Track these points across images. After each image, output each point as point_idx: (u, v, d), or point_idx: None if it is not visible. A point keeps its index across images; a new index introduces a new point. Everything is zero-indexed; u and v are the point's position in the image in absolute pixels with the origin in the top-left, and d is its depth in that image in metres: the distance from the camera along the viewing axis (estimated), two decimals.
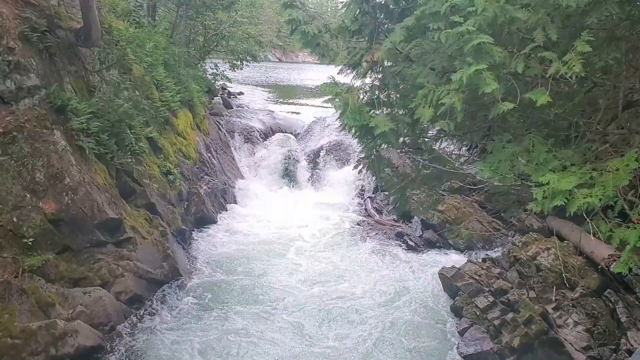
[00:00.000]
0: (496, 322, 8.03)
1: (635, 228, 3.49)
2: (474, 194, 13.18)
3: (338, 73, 5.61)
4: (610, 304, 7.88)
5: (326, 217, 14.49)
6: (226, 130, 17.88)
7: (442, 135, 6.29)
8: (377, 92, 5.12)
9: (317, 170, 17.34)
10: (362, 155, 6.23)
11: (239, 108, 21.17)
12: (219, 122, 17.95)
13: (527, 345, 7.53)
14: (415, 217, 13.16)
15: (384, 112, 5.21)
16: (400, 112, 5.38)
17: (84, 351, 7.15)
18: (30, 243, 7.44)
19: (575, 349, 7.50)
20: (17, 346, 6.52)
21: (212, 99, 20.15)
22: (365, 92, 5.12)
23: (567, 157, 3.96)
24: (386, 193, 14.07)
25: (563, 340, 7.61)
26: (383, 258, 11.75)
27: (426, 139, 6.08)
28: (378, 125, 4.46)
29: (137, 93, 11.29)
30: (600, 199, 3.43)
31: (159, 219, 10.35)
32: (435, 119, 4.03)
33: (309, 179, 17.24)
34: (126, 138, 9.91)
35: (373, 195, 15.69)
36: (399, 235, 12.93)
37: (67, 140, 8.34)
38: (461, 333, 8.39)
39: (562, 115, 4.90)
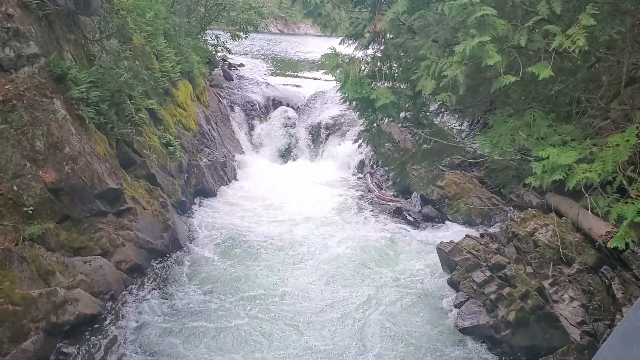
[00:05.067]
0: (492, 297, 8.10)
1: (634, 203, 3.50)
2: (474, 169, 13.20)
3: (339, 44, 5.56)
4: (606, 280, 7.93)
5: (326, 191, 14.51)
6: (226, 103, 17.79)
7: (443, 109, 6.27)
8: (378, 64, 5.08)
9: (317, 144, 17.32)
10: (363, 129, 6.20)
11: (240, 80, 21.02)
12: (219, 94, 17.85)
13: (523, 319, 7.61)
14: (414, 192, 13.19)
15: (386, 85, 5.18)
16: (402, 86, 5.35)
17: (84, 319, 7.24)
18: (30, 212, 7.47)
19: (570, 324, 7.58)
20: (17, 313, 6.59)
21: (213, 71, 20.00)
22: (367, 63, 5.08)
23: (567, 132, 3.96)
24: (386, 168, 14.07)
25: (558, 315, 7.68)
26: (382, 233, 11.80)
27: (427, 113, 6.05)
28: (379, 98, 4.43)
29: (137, 63, 11.21)
30: (599, 174, 3.43)
31: (159, 190, 10.37)
32: (437, 91, 4.01)
33: (309, 153, 17.22)
34: (126, 108, 9.87)
35: (373, 171, 15.69)
36: (398, 211, 12.97)
37: (67, 110, 8.30)
38: (457, 307, 8.48)
39: (564, 90, 4.88)
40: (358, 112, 5.41)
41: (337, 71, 4.68)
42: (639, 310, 0.90)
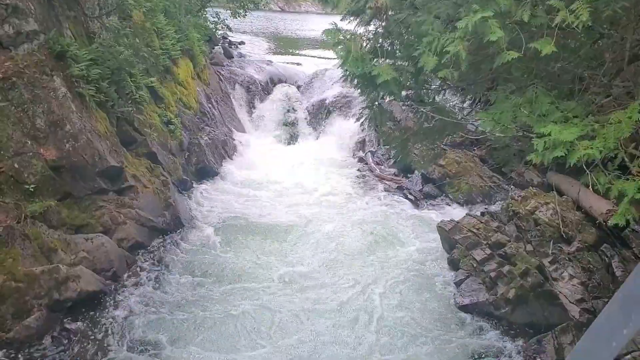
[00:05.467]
0: (492, 274, 8.15)
1: (635, 180, 3.50)
2: (475, 148, 13.17)
3: (341, 20, 5.50)
4: (606, 258, 7.96)
5: (327, 170, 14.50)
6: (227, 81, 17.69)
7: (445, 87, 6.24)
8: (380, 41, 5.04)
9: (318, 123, 17.26)
10: (364, 106, 6.18)
11: (240, 58, 20.90)
12: (219, 72, 17.74)
13: (522, 296, 7.67)
14: (415, 171, 13.18)
15: (387, 62, 5.14)
16: (404, 63, 5.31)
17: (86, 296, 7.29)
18: (31, 189, 7.48)
19: (570, 301, 7.63)
20: (20, 289, 6.64)
21: (213, 48, 19.85)
22: (369, 40, 5.04)
23: (569, 109, 3.94)
24: (387, 147, 14.04)
25: (558, 292, 7.73)
26: (382, 211, 11.83)
27: (429, 91, 6.01)
28: (380, 74, 4.40)
29: (137, 40, 11.11)
30: (600, 151, 3.43)
31: (160, 168, 10.37)
32: (439, 67, 3.98)
33: (310, 132, 17.17)
34: (126, 86, 9.83)
35: (374, 150, 15.66)
36: (399, 189, 12.98)
37: (67, 87, 8.26)
38: (457, 284, 8.53)
39: (567, 67, 4.84)
40: (359, 90, 5.38)
41: (339, 47, 4.65)
42: (638, 278, 0.90)
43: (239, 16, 22.22)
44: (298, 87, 18.83)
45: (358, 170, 14.74)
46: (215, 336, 7.22)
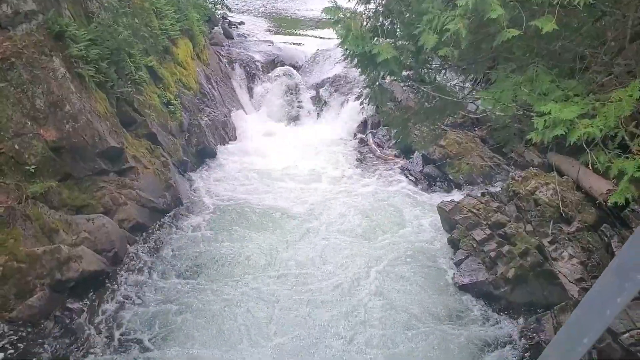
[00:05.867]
0: (492, 254, 8.18)
1: (635, 159, 3.50)
2: (476, 129, 13.13)
3: None
4: (606, 238, 7.99)
5: (327, 151, 14.47)
6: (227, 61, 17.57)
7: (445, 66, 6.19)
8: (380, 19, 5.00)
9: (318, 104, 17.18)
10: (365, 85, 6.15)
11: (240, 38, 20.72)
12: (219, 53, 17.61)
13: (522, 276, 7.71)
14: (416, 152, 13.14)
15: (388, 41, 5.10)
16: (404, 43, 5.27)
17: (88, 276, 7.34)
18: (32, 170, 7.49)
19: (569, 281, 7.67)
20: (22, 270, 6.68)
21: (213, 29, 19.67)
22: (369, 18, 4.99)
23: (570, 87, 3.92)
24: (388, 129, 13.98)
25: (557, 272, 7.77)
26: (383, 192, 11.83)
27: (430, 69, 5.98)
28: (381, 53, 4.37)
29: (136, 20, 11.03)
30: (601, 130, 3.42)
31: (160, 149, 10.37)
32: (439, 46, 3.95)
33: (310, 113, 17.10)
34: (126, 66, 9.78)
35: (375, 131, 15.60)
36: (400, 170, 12.97)
37: (66, 68, 8.23)
38: (457, 264, 8.57)
39: (568, 46, 4.81)
40: (359, 69, 5.35)
41: (338, 26, 4.62)
42: (631, 248, 0.91)
43: None
44: (299, 68, 18.70)
45: (359, 151, 14.71)
46: (211, 322, 7.25)
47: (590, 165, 3.76)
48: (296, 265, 8.63)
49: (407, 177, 12.59)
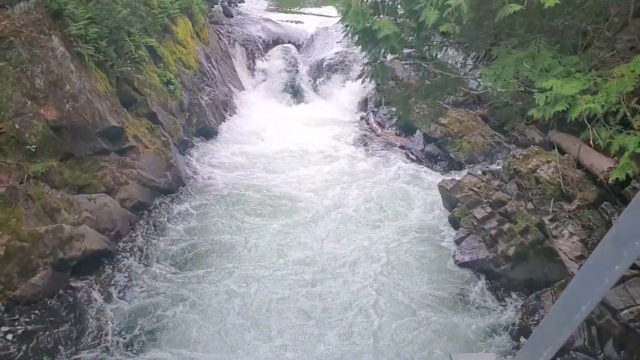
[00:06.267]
0: (493, 232, 8.21)
1: (636, 135, 3.49)
2: (477, 107, 13.08)
3: None
4: (606, 216, 8.00)
5: (328, 130, 14.43)
6: (226, 40, 17.46)
7: (447, 43, 6.15)
8: None
9: (319, 83, 17.09)
10: (366, 62, 6.11)
11: (240, 16, 20.54)
12: (219, 31, 17.48)
13: (522, 253, 7.74)
14: (417, 131, 13.11)
15: (389, 18, 5.06)
16: (405, 20, 5.23)
17: (90, 255, 7.38)
18: (33, 150, 7.48)
19: (569, 258, 7.71)
20: (25, 249, 6.71)
21: (212, 7, 19.49)
22: None
23: (572, 63, 3.89)
24: (389, 107, 13.92)
25: (557, 249, 7.80)
26: (383, 171, 11.83)
27: (431, 47, 5.94)
28: (381, 29, 4.34)
29: None
30: (602, 105, 3.40)
31: (160, 128, 10.35)
32: (440, 22, 3.92)
33: (311, 92, 17.02)
34: (125, 45, 9.73)
35: (376, 110, 15.54)
36: (401, 149, 12.95)
37: (66, 47, 8.18)
38: (458, 242, 8.60)
39: (571, 22, 4.76)
40: (360, 46, 5.30)
41: (339, 2, 4.58)
42: (629, 217, 0.91)
43: None
44: (299, 46, 18.57)
45: (359, 130, 14.67)
46: (210, 305, 7.26)
47: (591, 142, 3.75)
48: (297, 246, 8.66)
49: (408, 156, 12.57)
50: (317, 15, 21.71)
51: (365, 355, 6.49)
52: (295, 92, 16.88)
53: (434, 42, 6.02)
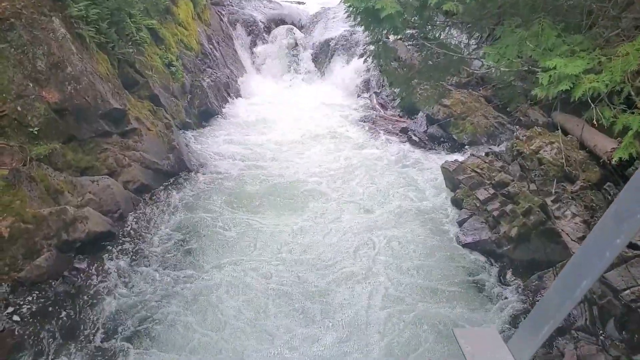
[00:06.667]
0: (495, 213, 8.21)
1: None
2: (480, 88, 13.00)
3: None
4: (609, 197, 7.98)
5: (330, 111, 14.40)
6: (228, 21, 17.34)
7: (450, 23, 6.10)
8: None
9: (321, 64, 17.00)
10: (369, 41, 6.07)
11: None
12: (220, 12, 17.36)
13: (524, 234, 7.74)
14: (420, 112, 13.07)
15: None
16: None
17: (94, 237, 7.41)
18: (35, 132, 7.48)
19: (572, 239, 7.70)
20: (29, 230, 6.74)
21: None
22: None
23: (576, 42, 3.86)
24: (392, 89, 13.85)
25: (560, 230, 7.80)
26: (387, 152, 11.82)
27: (434, 27, 5.89)
28: (384, 8, 4.30)
29: None
30: (606, 84, 3.38)
31: (162, 111, 10.32)
32: (443, 1, 3.88)
33: (313, 73, 16.94)
34: (126, 27, 9.67)
35: (379, 91, 15.49)
36: (404, 131, 12.92)
37: (66, 28, 8.13)
38: (460, 223, 8.61)
39: (575, 1, 4.72)
40: (363, 26, 5.26)
41: None
42: (630, 191, 0.92)
43: None
44: (301, 27, 18.45)
45: (361, 111, 14.63)
46: (212, 290, 7.31)
47: (595, 121, 3.73)
48: (299, 231, 8.68)
49: (410, 137, 12.54)
50: None
51: (373, 334, 6.55)
52: (297, 74, 16.82)
53: (437, 22, 5.97)
